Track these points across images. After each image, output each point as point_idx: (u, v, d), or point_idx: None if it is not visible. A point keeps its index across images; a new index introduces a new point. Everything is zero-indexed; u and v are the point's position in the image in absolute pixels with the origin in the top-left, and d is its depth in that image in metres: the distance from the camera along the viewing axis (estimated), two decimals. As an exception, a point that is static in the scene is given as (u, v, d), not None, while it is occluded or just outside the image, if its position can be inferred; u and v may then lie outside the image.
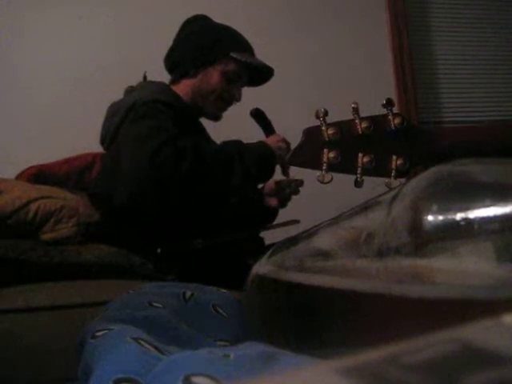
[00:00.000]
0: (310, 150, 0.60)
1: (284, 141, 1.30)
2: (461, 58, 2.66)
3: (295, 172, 0.76)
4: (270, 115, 1.42)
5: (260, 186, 1.52)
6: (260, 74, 1.48)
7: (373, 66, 2.41)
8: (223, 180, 1.20)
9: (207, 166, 1.17)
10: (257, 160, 1.23)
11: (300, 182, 1.41)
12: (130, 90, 1.45)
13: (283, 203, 1.47)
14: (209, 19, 1.50)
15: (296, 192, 1.45)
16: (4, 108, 2.05)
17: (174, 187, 1.16)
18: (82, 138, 1.61)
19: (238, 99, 1.44)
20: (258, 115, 1.41)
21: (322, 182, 0.60)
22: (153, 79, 1.48)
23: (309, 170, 0.62)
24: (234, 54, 1.39)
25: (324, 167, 0.60)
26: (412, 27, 2.58)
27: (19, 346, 0.89)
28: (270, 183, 1.48)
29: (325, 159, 0.60)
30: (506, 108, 2.69)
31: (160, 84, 1.44)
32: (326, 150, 0.60)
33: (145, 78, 1.49)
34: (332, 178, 0.60)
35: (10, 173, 1.49)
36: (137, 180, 1.16)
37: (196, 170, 1.15)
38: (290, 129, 1.24)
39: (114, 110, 1.36)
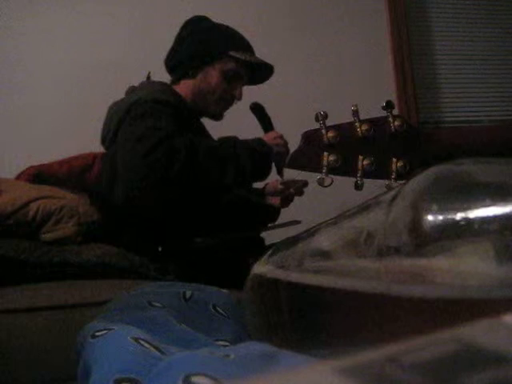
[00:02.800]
0: (309, 154, 0.60)
1: (282, 138, 1.29)
2: (461, 58, 2.66)
3: (296, 173, 0.76)
4: (269, 115, 1.42)
5: (262, 184, 1.51)
6: (260, 73, 1.48)
7: (373, 66, 2.41)
8: (217, 177, 1.20)
9: (201, 164, 1.17)
10: (252, 157, 1.22)
11: (305, 183, 1.41)
12: (131, 90, 1.45)
13: (285, 203, 1.47)
14: (208, 20, 1.50)
15: (300, 193, 1.45)
16: (4, 108, 2.05)
17: (169, 185, 1.15)
18: (82, 138, 1.61)
19: (239, 98, 1.44)
20: (258, 109, 1.40)
21: (322, 185, 0.60)
22: (156, 79, 1.48)
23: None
24: (232, 52, 1.39)
25: (324, 170, 0.60)
26: (412, 27, 2.58)
27: (19, 346, 0.88)
28: (273, 182, 1.48)
29: (325, 162, 0.59)
30: (506, 108, 2.69)
31: (161, 84, 1.44)
32: (325, 153, 0.60)
33: (148, 77, 1.49)
34: (332, 181, 0.60)
35: (10, 173, 1.49)
36: (132, 180, 1.16)
37: (189, 167, 1.15)
38: (289, 129, 1.25)
39: (114, 110, 1.36)
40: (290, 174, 1.32)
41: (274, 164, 1.29)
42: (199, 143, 1.21)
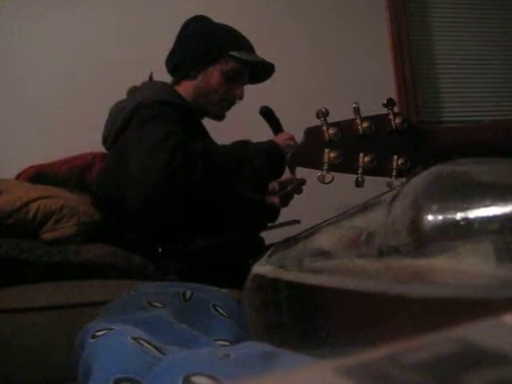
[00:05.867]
0: (310, 150, 0.60)
1: (293, 139, 1.30)
2: (461, 58, 2.66)
3: (298, 171, 0.76)
4: (278, 118, 1.42)
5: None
6: (261, 71, 1.48)
7: (373, 66, 2.41)
8: (233, 182, 1.21)
9: (217, 167, 1.18)
10: (266, 160, 1.23)
11: (302, 181, 1.41)
12: (133, 90, 1.45)
13: (285, 202, 1.47)
14: (208, 19, 1.49)
15: (299, 191, 1.45)
16: (4, 108, 2.05)
17: (190, 191, 1.15)
18: (82, 138, 1.61)
19: (241, 98, 1.44)
20: (267, 113, 1.40)
21: (323, 182, 0.60)
22: (158, 79, 1.48)
23: (310, 170, 0.62)
24: (233, 52, 1.39)
25: (325, 167, 0.60)
26: (412, 27, 2.58)
27: (19, 346, 0.88)
28: (272, 182, 1.48)
29: (325, 159, 0.59)
30: (506, 108, 2.68)
31: (163, 84, 1.44)
32: (326, 150, 0.60)
33: (151, 78, 1.49)
34: (333, 178, 0.60)
35: (10, 173, 1.49)
36: (151, 186, 1.14)
37: (208, 171, 1.15)
38: (290, 127, 1.25)
39: (117, 110, 1.36)
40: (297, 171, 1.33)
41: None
42: (213, 148, 1.21)
